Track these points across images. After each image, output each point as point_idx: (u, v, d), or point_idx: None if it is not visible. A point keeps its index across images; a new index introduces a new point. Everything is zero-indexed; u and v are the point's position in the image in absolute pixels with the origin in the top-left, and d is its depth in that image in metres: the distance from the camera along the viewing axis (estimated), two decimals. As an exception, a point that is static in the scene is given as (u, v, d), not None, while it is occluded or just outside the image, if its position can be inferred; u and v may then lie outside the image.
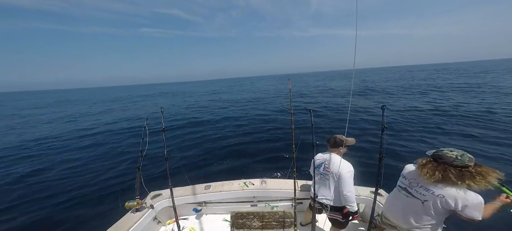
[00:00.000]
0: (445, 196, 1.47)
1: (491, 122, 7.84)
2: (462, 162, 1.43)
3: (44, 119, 16.65)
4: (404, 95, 16.57)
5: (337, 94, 21.02)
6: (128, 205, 2.37)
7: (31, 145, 8.89)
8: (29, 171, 6.17)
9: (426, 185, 1.57)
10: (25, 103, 39.85)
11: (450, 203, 1.45)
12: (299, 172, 2.36)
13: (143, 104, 23.42)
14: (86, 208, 4.29)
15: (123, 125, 12.16)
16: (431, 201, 1.53)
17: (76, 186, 5.18)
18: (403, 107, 11.66)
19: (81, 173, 5.89)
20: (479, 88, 16.78)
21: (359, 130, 8.04)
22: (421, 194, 1.59)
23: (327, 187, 2.12)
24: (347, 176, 1.96)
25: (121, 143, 8.70)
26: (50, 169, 6.29)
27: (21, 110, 25.65)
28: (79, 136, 10.18)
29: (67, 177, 5.68)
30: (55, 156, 7.48)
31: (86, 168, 6.23)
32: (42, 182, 5.46)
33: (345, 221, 2.17)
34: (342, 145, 2.03)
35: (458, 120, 8.56)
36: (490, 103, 10.87)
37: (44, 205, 4.45)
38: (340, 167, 1.96)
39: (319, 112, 12.26)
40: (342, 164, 1.97)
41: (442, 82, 23.22)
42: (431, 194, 1.53)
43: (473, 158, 1.46)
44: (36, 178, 5.70)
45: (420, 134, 7.23)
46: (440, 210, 1.52)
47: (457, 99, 12.86)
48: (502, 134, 6.63)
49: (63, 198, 4.68)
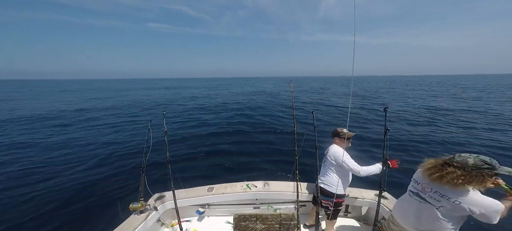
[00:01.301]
0: (461, 202, 1.41)
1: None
2: (475, 165, 1.39)
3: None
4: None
5: (338, 97, 20.90)
6: (132, 207, 2.39)
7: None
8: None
9: (441, 191, 1.51)
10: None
11: (466, 209, 1.40)
12: (302, 175, 2.36)
13: (147, 99, 23.61)
14: (89, 209, 4.34)
15: (126, 126, 12.28)
16: (446, 207, 1.48)
17: (76, 185, 5.25)
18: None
19: (84, 171, 5.97)
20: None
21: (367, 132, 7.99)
22: (435, 200, 1.53)
23: (326, 171, 2.31)
24: (346, 160, 2.13)
25: (125, 144, 8.79)
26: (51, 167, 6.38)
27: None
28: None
29: (66, 176, 5.76)
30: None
31: (86, 166, 6.30)
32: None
33: (334, 211, 2.26)
34: (338, 136, 2.24)
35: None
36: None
37: (43, 203, 4.52)
38: (336, 152, 2.19)
39: (323, 112, 12.21)
40: (337, 150, 2.20)
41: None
42: (447, 200, 1.47)
43: (488, 159, 1.40)
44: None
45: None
46: (456, 216, 1.47)
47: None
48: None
49: (64, 197, 4.75)
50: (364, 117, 11.01)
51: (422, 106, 14.42)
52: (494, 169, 1.37)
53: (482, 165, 1.38)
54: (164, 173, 5.26)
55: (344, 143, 2.21)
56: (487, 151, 6.39)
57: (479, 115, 11.41)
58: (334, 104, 15.92)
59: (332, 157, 2.21)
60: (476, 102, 16.38)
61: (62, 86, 68.10)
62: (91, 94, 33.21)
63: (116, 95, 30.35)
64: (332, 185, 2.22)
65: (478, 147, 6.86)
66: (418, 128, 9.18)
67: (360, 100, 16.70)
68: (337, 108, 14.24)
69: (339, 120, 10.87)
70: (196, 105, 19.88)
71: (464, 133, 8.39)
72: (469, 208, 1.40)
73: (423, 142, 7.36)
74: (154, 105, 20.31)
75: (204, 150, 7.42)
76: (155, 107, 18.65)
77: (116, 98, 26.78)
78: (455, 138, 7.79)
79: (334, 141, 2.31)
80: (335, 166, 2.21)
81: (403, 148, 6.82)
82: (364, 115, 11.73)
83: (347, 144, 2.24)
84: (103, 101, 23.11)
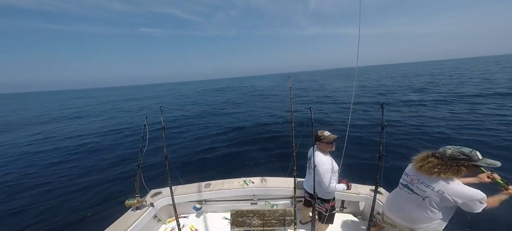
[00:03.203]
0: (444, 192, 1.48)
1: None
2: (451, 156, 1.46)
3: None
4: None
5: (337, 93, 21.00)
6: (128, 203, 2.37)
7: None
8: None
9: (426, 181, 1.58)
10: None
11: (450, 199, 1.46)
12: (299, 170, 2.37)
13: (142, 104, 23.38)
14: (87, 206, 4.30)
15: (124, 126, 12.15)
16: (431, 197, 1.54)
17: (76, 183, 5.19)
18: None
19: (81, 170, 5.90)
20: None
21: (365, 128, 8.04)
22: (421, 190, 1.60)
23: (312, 178, 2.12)
24: (323, 169, 2.00)
25: (121, 140, 8.71)
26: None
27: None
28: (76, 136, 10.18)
29: (67, 175, 5.69)
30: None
31: (86, 166, 6.24)
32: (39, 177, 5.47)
33: (327, 215, 2.19)
34: (319, 140, 2.11)
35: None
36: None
37: (41, 201, 4.47)
38: (317, 162, 2.00)
39: (321, 107, 12.26)
40: (319, 159, 2.03)
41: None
42: (431, 190, 1.53)
43: (468, 151, 1.46)
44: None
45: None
46: (441, 206, 1.53)
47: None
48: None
49: (64, 196, 4.70)
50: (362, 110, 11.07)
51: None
52: (471, 160, 1.43)
53: (458, 156, 1.45)
54: (161, 170, 5.25)
55: (327, 147, 2.11)
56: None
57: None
58: (336, 99, 15.99)
59: (318, 167, 2.04)
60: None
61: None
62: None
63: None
64: (320, 191, 2.13)
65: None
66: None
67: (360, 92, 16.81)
68: (337, 104, 14.28)
69: (341, 115, 10.91)
70: (194, 104, 19.76)
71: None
72: (452, 199, 1.46)
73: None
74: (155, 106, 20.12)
75: (201, 147, 7.40)
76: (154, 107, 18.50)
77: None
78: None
79: (318, 146, 2.16)
80: (320, 175, 2.06)
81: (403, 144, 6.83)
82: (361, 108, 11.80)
83: (330, 148, 2.13)
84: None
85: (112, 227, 2.16)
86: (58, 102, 39.71)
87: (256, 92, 28.97)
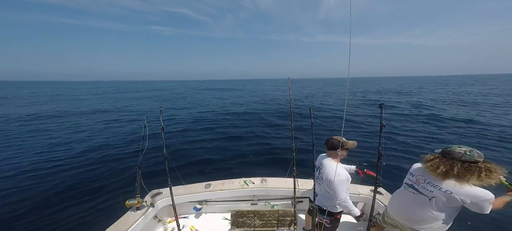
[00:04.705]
0: (452, 192, 1.45)
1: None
2: (471, 158, 1.41)
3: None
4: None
5: (337, 99, 21.00)
6: (128, 204, 2.37)
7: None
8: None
9: (433, 182, 1.55)
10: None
11: (458, 199, 1.44)
12: (299, 171, 2.36)
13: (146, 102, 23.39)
14: (86, 206, 4.30)
15: (124, 124, 12.15)
16: (438, 197, 1.51)
17: (72, 182, 5.18)
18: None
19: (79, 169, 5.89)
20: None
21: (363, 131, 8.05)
22: (428, 191, 1.57)
23: (320, 190, 2.07)
24: (337, 184, 1.83)
25: (121, 140, 8.70)
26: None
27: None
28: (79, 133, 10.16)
29: (65, 173, 5.68)
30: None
31: (85, 164, 6.23)
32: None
33: (331, 226, 2.10)
34: (339, 148, 1.89)
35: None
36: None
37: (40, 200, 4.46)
38: (331, 174, 1.83)
39: (321, 110, 12.27)
40: (334, 170, 1.82)
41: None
42: (439, 190, 1.51)
43: (483, 154, 1.44)
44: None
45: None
46: (448, 206, 1.51)
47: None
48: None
49: (61, 195, 4.69)
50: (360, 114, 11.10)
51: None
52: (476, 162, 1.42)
53: (464, 155, 1.44)
54: (161, 170, 5.23)
55: (343, 154, 1.97)
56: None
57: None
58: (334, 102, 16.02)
59: (326, 180, 1.91)
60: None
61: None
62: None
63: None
64: (326, 204, 2.01)
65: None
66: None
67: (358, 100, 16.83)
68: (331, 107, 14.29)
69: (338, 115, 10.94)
70: (195, 104, 19.75)
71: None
72: (460, 199, 1.44)
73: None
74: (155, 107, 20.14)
75: (201, 148, 7.40)
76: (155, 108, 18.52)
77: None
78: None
79: (335, 154, 1.95)
80: (334, 189, 1.91)
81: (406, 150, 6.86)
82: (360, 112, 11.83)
83: (343, 155, 1.98)
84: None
85: (112, 228, 2.16)
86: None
87: (260, 93, 28.99)
